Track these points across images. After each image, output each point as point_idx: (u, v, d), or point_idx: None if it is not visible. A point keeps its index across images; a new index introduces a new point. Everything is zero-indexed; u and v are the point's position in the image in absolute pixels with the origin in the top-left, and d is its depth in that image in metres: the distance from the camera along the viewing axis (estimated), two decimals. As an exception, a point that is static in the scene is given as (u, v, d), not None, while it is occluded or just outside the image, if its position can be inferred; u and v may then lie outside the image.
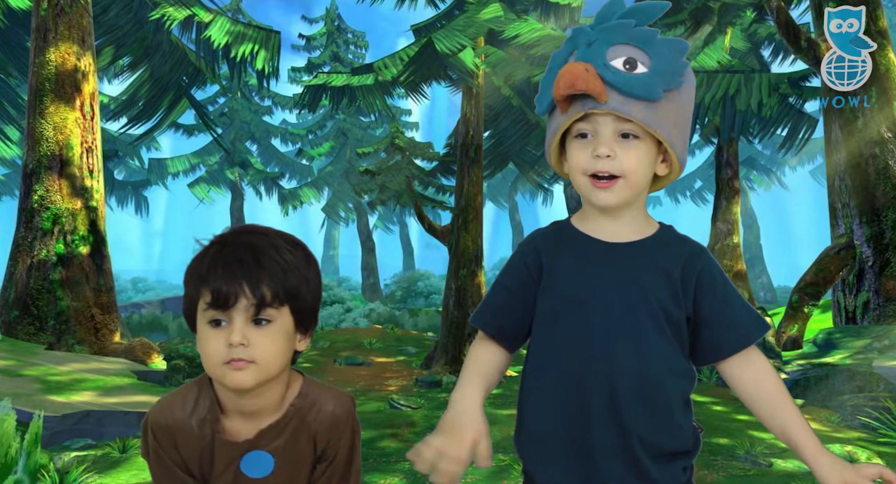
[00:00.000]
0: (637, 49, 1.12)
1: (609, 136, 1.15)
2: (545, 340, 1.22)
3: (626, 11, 1.15)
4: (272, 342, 1.13)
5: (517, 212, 33.40)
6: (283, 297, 1.13)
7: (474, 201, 8.97)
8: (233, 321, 1.10)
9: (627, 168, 1.15)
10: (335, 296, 19.23)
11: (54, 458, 3.95)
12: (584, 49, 1.14)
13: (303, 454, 1.21)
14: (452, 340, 8.44)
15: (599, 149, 1.15)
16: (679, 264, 1.20)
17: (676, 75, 1.13)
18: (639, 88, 1.10)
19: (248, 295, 1.10)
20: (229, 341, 1.10)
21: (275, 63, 12.54)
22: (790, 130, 12.63)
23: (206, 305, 1.11)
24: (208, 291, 1.10)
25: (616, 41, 1.12)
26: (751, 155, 27.69)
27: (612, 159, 1.15)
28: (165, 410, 1.20)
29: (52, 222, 8.27)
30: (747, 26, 15.52)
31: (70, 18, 8.59)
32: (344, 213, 28.83)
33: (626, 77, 1.10)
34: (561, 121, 1.17)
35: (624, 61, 1.11)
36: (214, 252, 1.13)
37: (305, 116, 30.35)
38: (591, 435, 1.18)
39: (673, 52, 1.13)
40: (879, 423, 5.13)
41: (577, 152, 1.18)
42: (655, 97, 1.11)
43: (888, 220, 8.57)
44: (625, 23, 1.13)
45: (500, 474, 4.14)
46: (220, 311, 1.10)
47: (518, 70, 10.28)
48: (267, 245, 1.14)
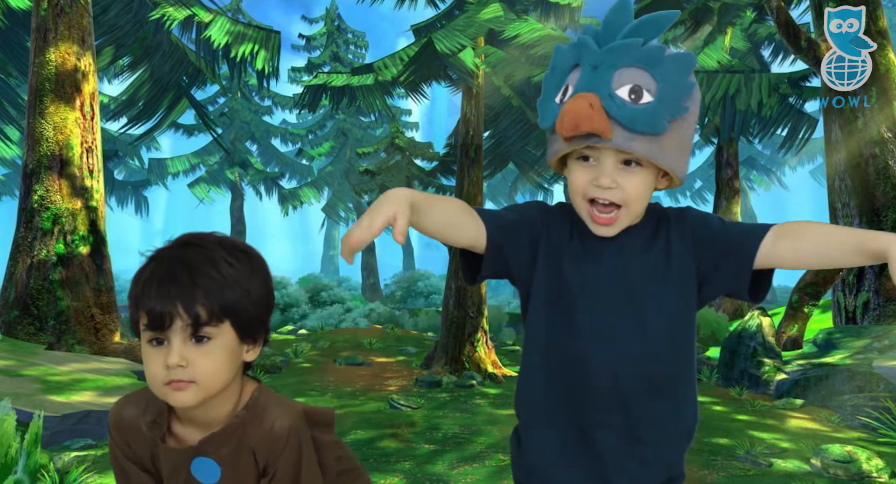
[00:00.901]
0: (644, 72, 1.09)
1: (611, 166, 1.14)
2: (548, 324, 1.22)
3: (635, 26, 1.11)
4: (212, 360, 1.11)
5: (517, 212, 33.34)
6: (221, 313, 1.10)
7: (474, 201, 8.97)
8: (171, 341, 1.09)
9: (629, 197, 1.15)
10: (335, 296, 19.22)
11: (54, 458, 3.95)
12: (588, 73, 1.11)
13: (247, 468, 1.19)
14: (452, 340, 8.43)
15: (601, 180, 1.14)
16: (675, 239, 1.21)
17: (682, 101, 1.11)
18: (643, 124, 1.08)
19: (183, 315, 1.08)
20: (167, 363, 1.08)
21: (275, 63, 12.54)
22: (790, 130, 12.63)
23: (144, 326, 1.10)
24: (144, 312, 1.09)
25: (622, 64, 1.09)
26: (751, 155, 27.70)
27: (613, 189, 1.14)
28: (120, 408, 1.22)
29: (52, 222, 8.26)
30: (747, 26, 15.52)
31: (70, 18, 8.59)
32: (344, 213, 28.83)
33: (631, 111, 1.08)
34: (562, 147, 1.16)
35: (630, 90, 1.09)
36: (150, 270, 1.11)
37: (305, 116, 30.36)
38: (593, 420, 1.19)
39: (680, 71, 1.10)
40: (879, 423, 5.13)
41: (579, 175, 1.17)
42: (660, 131, 1.10)
43: (888, 220, 8.57)
44: (632, 43, 1.10)
45: (500, 474, 4.14)
46: (157, 332, 1.09)
47: (518, 70, 10.28)
48: (203, 259, 1.11)
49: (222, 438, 1.17)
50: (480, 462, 4.41)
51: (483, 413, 6.02)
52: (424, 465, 4.36)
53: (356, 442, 4.90)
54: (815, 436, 5.05)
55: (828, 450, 4.20)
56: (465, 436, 5.14)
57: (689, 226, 1.21)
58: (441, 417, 5.82)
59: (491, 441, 4.96)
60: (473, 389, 7.46)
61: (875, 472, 3.99)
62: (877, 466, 4.03)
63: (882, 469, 4.01)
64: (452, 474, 4.15)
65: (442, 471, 4.23)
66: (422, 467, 4.31)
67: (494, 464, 4.36)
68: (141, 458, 1.20)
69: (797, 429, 5.34)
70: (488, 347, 8.61)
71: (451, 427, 5.43)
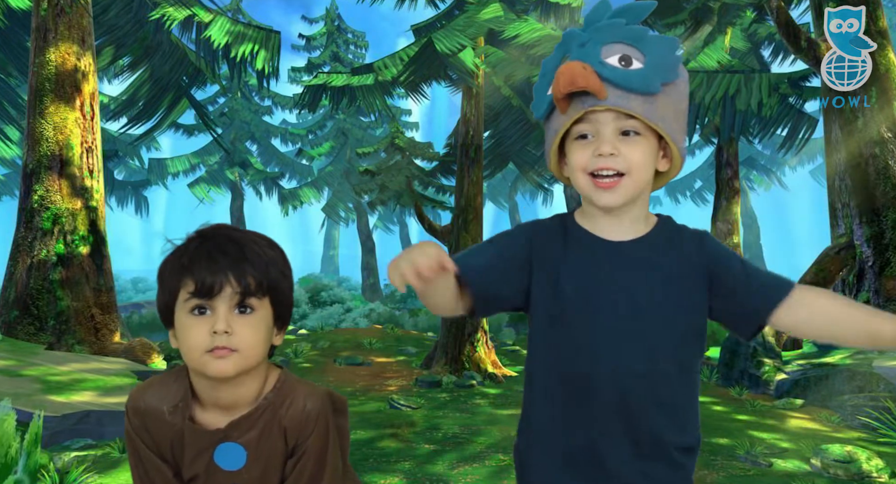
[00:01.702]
0: (630, 46, 1.13)
1: (610, 134, 1.14)
2: (551, 341, 1.21)
3: (616, 12, 1.16)
4: (255, 331, 1.14)
5: (517, 212, 33.38)
6: (266, 287, 1.15)
7: (474, 201, 8.97)
8: (216, 310, 1.12)
9: (632, 164, 1.15)
10: (335, 296, 19.22)
11: (54, 458, 3.95)
12: (577, 50, 1.14)
13: (275, 449, 1.21)
14: (452, 340, 8.43)
15: (602, 147, 1.14)
16: (685, 258, 1.20)
17: (672, 69, 1.14)
18: (637, 82, 1.10)
19: (233, 283, 1.12)
20: (213, 329, 1.11)
21: (275, 63, 12.54)
22: (790, 130, 12.63)
23: (188, 295, 1.12)
24: (192, 280, 1.11)
25: (609, 40, 1.13)
26: (751, 155, 27.69)
27: (615, 157, 1.14)
28: (141, 393, 1.22)
29: (52, 222, 8.26)
30: (747, 26, 15.52)
31: (70, 18, 8.59)
32: (344, 213, 28.83)
33: (623, 72, 1.11)
34: (561, 122, 1.17)
35: (619, 58, 1.12)
36: (196, 245, 1.15)
37: (305, 116, 30.34)
38: (599, 436, 1.18)
39: (665, 47, 1.14)
40: (879, 423, 5.13)
41: (579, 152, 1.17)
42: (654, 91, 1.11)
43: (888, 220, 8.57)
44: (616, 22, 1.14)
45: (500, 474, 4.14)
46: (204, 299, 1.11)
47: (518, 70, 10.28)
48: (248, 239, 1.17)
49: (251, 420, 1.19)
50: (480, 462, 4.41)
51: (483, 413, 6.02)
52: (424, 465, 4.37)
53: (356, 442, 4.90)
54: (815, 436, 5.05)
55: (828, 450, 4.20)
56: (465, 436, 5.14)
57: (705, 258, 1.21)
58: (441, 417, 5.82)
59: (491, 441, 4.96)
60: (473, 389, 7.46)
61: (875, 472, 3.99)
62: (877, 466, 4.02)
63: (882, 469, 4.01)
64: (452, 474, 4.15)
65: (442, 471, 4.23)
66: (422, 467, 4.31)
67: (494, 464, 4.36)
68: (160, 445, 1.20)
69: (797, 429, 5.34)
70: (488, 347, 8.61)
71: (451, 427, 5.43)
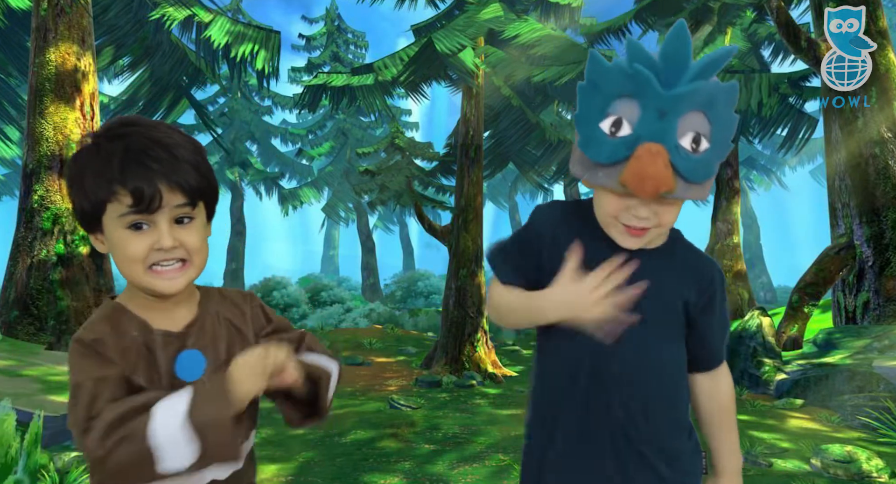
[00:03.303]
0: (702, 116, 1.08)
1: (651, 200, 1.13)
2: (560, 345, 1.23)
3: (702, 68, 1.06)
4: (199, 237, 1.08)
5: (517, 212, 33.40)
6: (203, 191, 1.08)
7: (474, 201, 8.97)
8: (157, 225, 1.03)
9: (665, 222, 1.16)
10: (335, 296, 19.22)
11: (54, 458, 3.95)
12: (654, 119, 1.06)
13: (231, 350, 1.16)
14: (452, 340, 8.43)
15: (640, 210, 1.13)
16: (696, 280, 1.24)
17: (729, 140, 1.11)
18: (702, 175, 1.09)
19: (172, 196, 1.03)
20: (158, 246, 1.03)
21: (275, 63, 12.54)
22: (790, 130, 12.63)
23: (126, 209, 1.01)
24: (126, 193, 1.00)
25: (686, 110, 1.07)
26: (751, 155, 27.69)
27: (649, 219, 1.14)
28: (87, 331, 1.09)
29: (52, 222, 8.26)
30: (747, 26, 15.52)
31: (70, 18, 8.59)
32: (344, 213, 28.83)
33: (693, 162, 1.07)
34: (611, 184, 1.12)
35: (692, 139, 1.08)
36: (122, 151, 1.01)
37: (305, 116, 30.36)
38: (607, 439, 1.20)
39: (729, 107, 1.10)
40: (879, 423, 5.13)
41: (613, 201, 1.15)
42: (711, 175, 1.11)
43: (888, 220, 8.57)
44: (700, 89, 1.07)
45: (500, 474, 4.13)
46: (142, 215, 1.02)
47: (518, 70, 10.27)
48: (173, 138, 1.05)
49: (201, 324, 1.15)
50: (480, 462, 4.41)
51: (483, 413, 6.02)
52: (424, 465, 4.36)
53: (356, 442, 4.90)
54: (815, 436, 5.05)
55: (828, 450, 4.20)
56: (465, 436, 5.14)
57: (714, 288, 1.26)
58: (441, 417, 5.82)
59: (491, 441, 4.96)
60: (473, 388, 7.46)
61: (875, 472, 3.99)
62: (877, 466, 4.02)
63: (882, 469, 4.01)
64: (452, 474, 4.15)
65: (442, 471, 4.23)
66: (422, 467, 4.31)
67: (494, 464, 4.36)
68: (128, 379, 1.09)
69: (797, 429, 5.34)
70: (488, 347, 8.60)
71: (451, 427, 5.43)
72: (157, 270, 1.05)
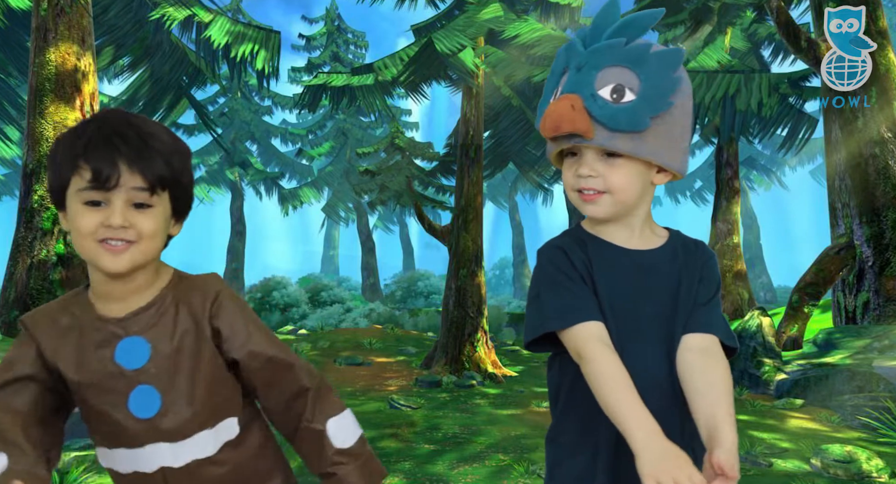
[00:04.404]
0: (627, 70, 1.12)
1: (591, 157, 1.17)
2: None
3: (618, 27, 1.13)
4: (153, 223, 1.08)
5: (517, 212, 33.41)
6: (167, 181, 1.08)
7: (474, 201, 8.97)
8: (111, 203, 1.05)
9: (613, 185, 1.17)
10: (335, 296, 19.22)
11: (54, 458, 3.95)
12: (573, 74, 1.15)
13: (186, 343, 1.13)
14: (452, 340, 8.43)
15: (581, 169, 1.18)
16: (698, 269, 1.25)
17: (666, 97, 1.13)
18: (625, 122, 1.11)
19: (132, 177, 1.04)
20: (108, 223, 1.04)
21: (275, 63, 12.54)
22: (790, 130, 12.63)
23: (84, 184, 1.04)
24: (87, 168, 1.03)
25: (605, 64, 1.12)
26: (751, 155, 27.70)
27: (594, 178, 1.17)
28: (33, 311, 1.17)
29: (52, 222, 8.26)
30: (747, 26, 15.52)
31: (70, 18, 8.59)
32: (344, 213, 28.84)
33: (612, 110, 1.11)
34: (552, 147, 1.21)
35: (612, 90, 1.12)
36: (94, 129, 1.05)
37: (305, 116, 30.36)
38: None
39: (664, 68, 1.13)
40: (879, 423, 5.13)
41: (567, 171, 1.22)
42: (642, 128, 1.12)
43: (888, 220, 8.57)
44: (615, 43, 1.13)
45: (500, 474, 4.13)
46: (99, 192, 1.04)
47: (518, 70, 10.27)
48: (149, 127, 1.08)
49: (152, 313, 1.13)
50: (480, 462, 4.41)
51: (483, 413, 6.02)
52: (424, 465, 4.36)
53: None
54: (815, 436, 5.05)
55: (828, 450, 4.20)
56: (465, 436, 5.14)
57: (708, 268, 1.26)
58: (441, 417, 5.82)
59: (491, 441, 4.96)
60: (473, 389, 7.46)
61: (875, 472, 3.99)
62: (877, 466, 4.02)
63: (882, 469, 4.01)
64: (452, 474, 4.15)
65: (442, 471, 4.23)
66: (422, 467, 4.31)
67: (494, 464, 4.36)
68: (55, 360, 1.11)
69: (797, 429, 5.34)
70: (488, 347, 8.60)
71: (451, 427, 5.43)
72: (105, 245, 1.06)
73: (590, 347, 1.13)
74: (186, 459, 1.13)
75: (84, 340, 1.12)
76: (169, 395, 1.11)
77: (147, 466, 1.12)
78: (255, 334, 1.16)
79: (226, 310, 1.16)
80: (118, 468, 1.15)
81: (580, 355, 1.15)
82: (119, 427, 1.11)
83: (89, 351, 1.11)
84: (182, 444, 1.12)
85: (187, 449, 1.13)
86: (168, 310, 1.13)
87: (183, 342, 1.13)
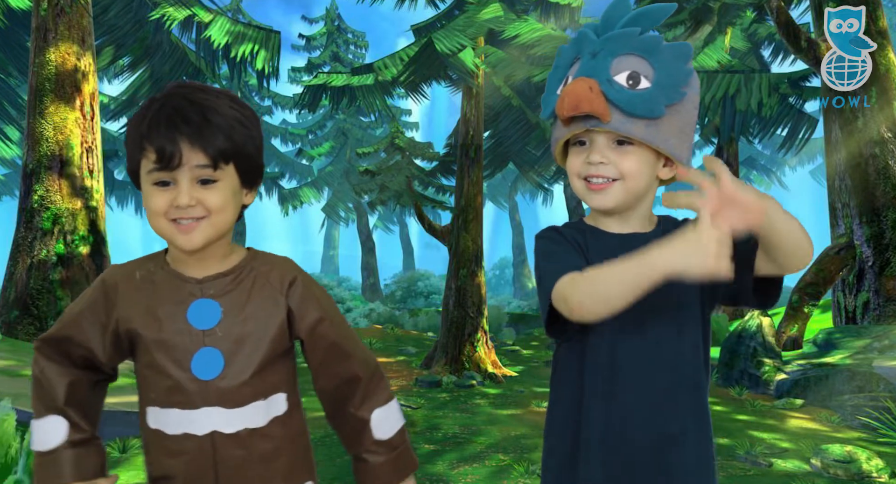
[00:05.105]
0: (641, 59, 1.13)
1: (603, 143, 1.17)
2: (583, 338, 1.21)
3: (632, 17, 1.14)
4: (222, 196, 1.10)
5: (517, 212, 33.41)
6: (230, 155, 1.10)
7: (474, 201, 8.97)
8: (178, 183, 1.07)
9: (624, 172, 1.17)
10: (335, 296, 19.22)
11: (54, 458, 3.95)
12: (588, 60, 1.15)
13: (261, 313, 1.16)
14: (452, 340, 8.43)
15: (592, 156, 1.17)
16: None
17: (679, 87, 1.14)
18: (641, 108, 1.11)
19: (193, 155, 1.06)
20: (176, 203, 1.07)
21: (275, 63, 12.54)
22: (790, 130, 12.62)
23: (152, 166, 1.07)
24: (152, 150, 1.06)
25: (620, 52, 1.13)
26: (751, 155, 27.68)
27: (605, 165, 1.17)
28: (115, 267, 1.21)
29: (52, 222, 8.26)
30: (747, 26, 15.52)
31: (70, 18, 8.58)
32: (344, 213, 28.82)
33: (628, 95, 1.11)
34: (562, 132, 1.20)
35: (627, 76, 1.12)
36: (157, 108, 1.08)
37: (305, 116, 30.35)
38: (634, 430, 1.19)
39: (677, 59, 1.14)
40: (879, 423, 5.13)
41: (574, 158, 1.21)
42: (658, 115, 1.12)
43: (888, 220, 8.57)
44: (629, 31, 1.13)
45: (500, 474, 4.13)
46: (164, 172, 1.07)
47: (518, 70, 10.27)
48: (212, 101, 1.10)
49: (230, 280, 1.17)
50: (480, 462, 4.41)
51: (483, 413, 6.02)
52: (424, 465, 4.36)
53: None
54: (815, 436, 5.05)
55: (828, 450, 4.20)
56: (465, 436, 5.14)
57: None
58: (441, 417, 5.82)
59: (491, 441, 4.96)
60: (473, 389, 7.46)
61: (875, 472, 3.99)
62: (877, 466, 4.02)
63: (882, 469, 4.01)
64: (452, 474, 4.15)
65: (442, 471, 4.23)
66: (422, 467, 4.31)
67: (494, 464, 4.36)
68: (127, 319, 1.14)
69: (797, 429, 5.34)
70: (488, 347, 8.60)
71: (451, 427, 5.43)
72: (176, 225, 1.10)
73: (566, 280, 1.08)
74: (238, 426, 1.14)
75: (159, 295, 1.15)
76: (232, 360, 1.14)
77: (199, 429, 1.13)
78: (325, 319, 1.21)
79: (302, 291, 1.20)
80: (167, 430, 1.15)
81: (564, 298, 1.07)
82: (178, 386, 1.13)
83: (163, 306, 1.14)
84: (236, 411, 1.14)
85: (240, 416, 1.14)
86: (245, 279, 1.17)
87: (254, 312, 1.16)
